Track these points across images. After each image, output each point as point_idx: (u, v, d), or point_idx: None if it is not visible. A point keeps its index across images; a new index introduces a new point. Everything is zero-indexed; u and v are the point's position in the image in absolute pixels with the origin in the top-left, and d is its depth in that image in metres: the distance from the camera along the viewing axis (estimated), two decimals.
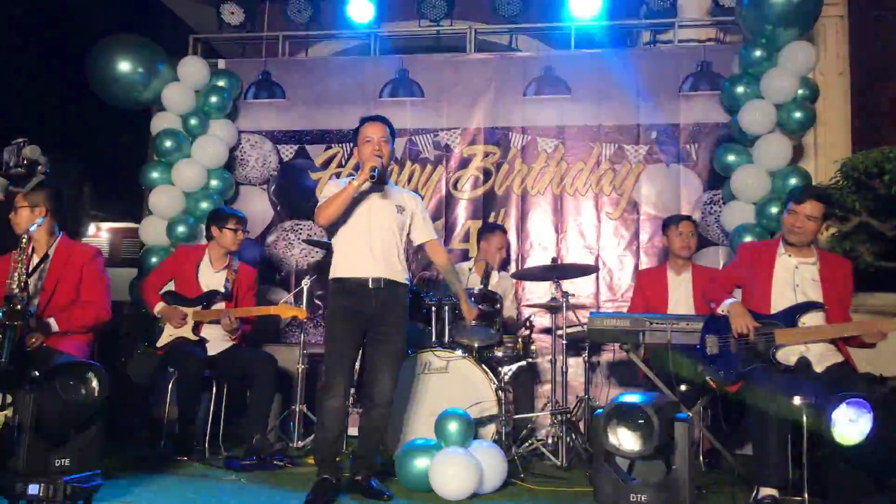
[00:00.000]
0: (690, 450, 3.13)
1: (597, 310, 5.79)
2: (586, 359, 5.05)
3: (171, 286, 4.97)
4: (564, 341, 4.84)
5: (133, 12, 7.12)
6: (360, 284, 3.79)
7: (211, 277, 4.95)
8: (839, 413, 3.20)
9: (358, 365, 4.26)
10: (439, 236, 5.15)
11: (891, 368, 4.39)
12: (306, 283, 5.26)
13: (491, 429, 4.42)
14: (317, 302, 6.02)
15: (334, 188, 3.82)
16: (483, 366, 4.53)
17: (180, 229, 5.94)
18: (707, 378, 4.03)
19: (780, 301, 3.91)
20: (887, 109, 6.35)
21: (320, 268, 5.91)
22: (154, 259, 5.88)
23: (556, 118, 6.15)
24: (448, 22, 6.54)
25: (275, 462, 4.44)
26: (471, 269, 5.50)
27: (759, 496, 3.53)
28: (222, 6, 6.58)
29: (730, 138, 5.75)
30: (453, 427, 3.93)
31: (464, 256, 5.98)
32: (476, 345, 4.78)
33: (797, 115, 5.41)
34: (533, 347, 5.13)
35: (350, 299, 3.80)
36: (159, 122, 6.16)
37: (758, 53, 5.49)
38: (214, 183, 6.15)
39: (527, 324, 5.28)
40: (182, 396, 4.62)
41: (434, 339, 4.74)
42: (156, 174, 6.08)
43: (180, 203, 6.05)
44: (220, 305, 4.87)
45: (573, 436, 4.67)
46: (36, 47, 6.86)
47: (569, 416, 4.69)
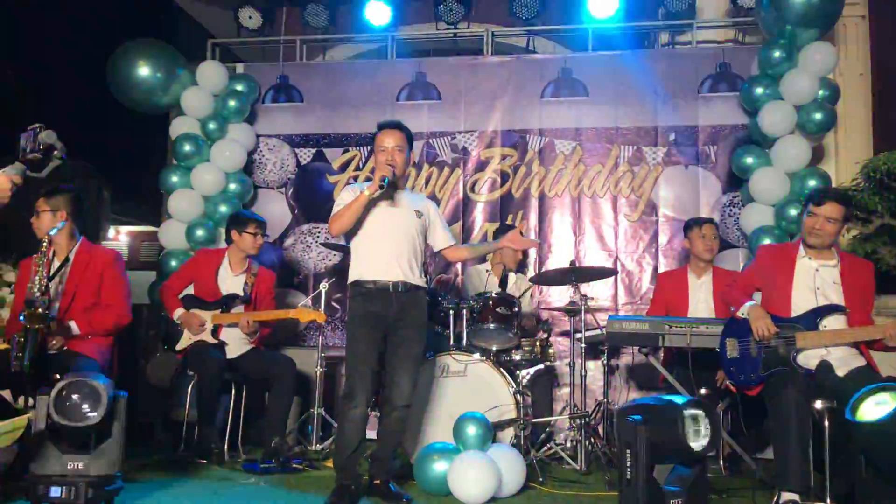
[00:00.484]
0: None
1: (615, 313, 5.77)
2: (605, 362, 5.02)
3: (191, 289, 5.00)
4: (583, 344, 4.82)
5: (152, 17, 7.18)
6: (380, 288, 3.78)
7: (230, 281, 4.98)
8: (870, 394, 3.18)
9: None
10: (456, 240, 5.15)
11: None
12: (324, 286, 5.27)
13: (509, 432, 4.40)
14: (335, 305, 6.03)
15: (349, 196, 3.82)
16: (501, 369, 4.52)
17: (199, 233, 5.97)
18: (727, 382, 4.01)
19: (800, 304, 3.86)
20: None
21: (338, 271, 5.93)
22: (173, 262, 5.92)
23: (574, 120, 6.13)
24: (465, 25, 6.56)
25: (293, 465, 4.45)
26: (488, 272, 5.48)
27: (780, 501, 3.48)
28: (240, 11, 6.63)
29: (748, 140, 5.72)
30: (472, 431, 3.91)
31: (481, 259, 5.97)
32: (494, 348, 4.77)
33: (817, 116, 5.36)
34: (551, 351, 5.13)
35: (371, 303, 3.78)
36: (178, 127, 6.20)
37: (777, 54, 5.45)
38: (233, 187, 6.17)
39: (545, 327, 5.27)
40: (201, 399, 4.65)
41: (452, 342, 4.73)
42: (175, 178, 6.11)
43: (199, 207, 6.09)
44: (240, 309, 4.89)
45: (592, 440, 4.65)
46: (56, 52, 6.91)
47: (588, 419, 4.68)
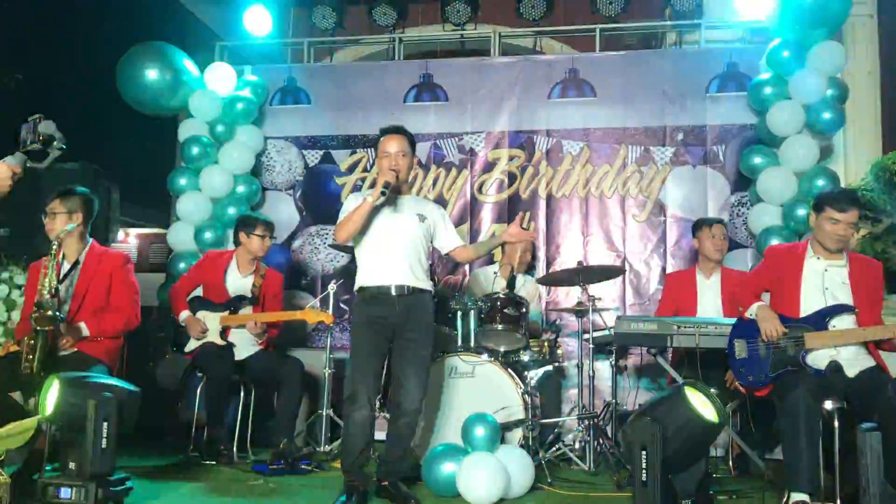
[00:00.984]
0: None
1: (623, 313, 5.75)
2: (613, 362, 5.02)
3: (199, 291, 5.01)
4: (591, 345, 4.82)
5: (160, 20, 7.21)
6: (384, 292, 3.79)
7: (238, 282, 4.99)
8: None
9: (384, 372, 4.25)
10: (464, 241, 5.15)
11: None
12: (332, 287, 5.27)
13: (517, 433, 4.39)
14: (342, 306, 6.03)
15: (354, 203, 3.85)
16: (509, 370, 4.50)
17: (207, 235, 5.99)
18: (736, 382, 4.00)
19: (809, 304, 3.84)
20: None
21: (346, 272, 5.93)
22: (182, 264, 5.93)
23: (582, 120, 6.12)
24: (472, 26, 6.57)
25: (302, 466, 4.46)
26: (496, 273, 5.47)
27: (790, 501, 3.47)
28: (248, 13, 6.64)
29: (757, 140, 5.70)
30: (480, 432, 3.91)
31: (488, 260, 5.97)
32: (502, 349, 4.77)
33: (826, 115, 5.34)
34: (559, 351, 5.13)
35: (375, 307, 3.80)
36: (186, 129, 6.22)
37: (786, 54, 5.43)
38: (241, 189, 6.18)
39: (553, 328, 5.26)
40: (210, 401, 4.66)
41: (460, 343, 4.73)
42: (183, 180, 6.13)
43: (207, 209, 6.10)
44: (248, 310, 4.90)
45: (601, 440, 4.64)
46: (65, 55, 6.96)
47: (596, 420, 4.67)
